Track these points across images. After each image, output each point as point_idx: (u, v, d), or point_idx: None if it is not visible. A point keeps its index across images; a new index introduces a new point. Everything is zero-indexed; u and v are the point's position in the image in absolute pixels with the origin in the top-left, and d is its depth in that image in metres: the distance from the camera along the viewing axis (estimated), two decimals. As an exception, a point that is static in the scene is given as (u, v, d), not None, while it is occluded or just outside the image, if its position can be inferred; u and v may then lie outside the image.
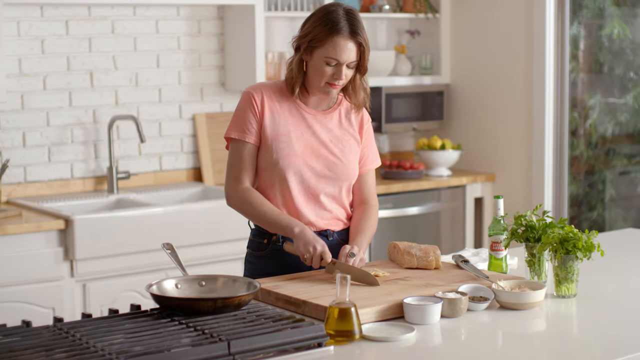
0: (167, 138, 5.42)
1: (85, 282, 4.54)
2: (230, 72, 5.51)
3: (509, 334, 2.74)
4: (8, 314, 4.27)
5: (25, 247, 4.41)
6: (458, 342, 2.69)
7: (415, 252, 3.24)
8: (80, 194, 5.11)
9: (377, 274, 3.13)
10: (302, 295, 2.88)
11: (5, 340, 2.43)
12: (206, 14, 5.48)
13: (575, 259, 2.98)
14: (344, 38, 3.13)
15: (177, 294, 2.78)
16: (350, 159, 3.31)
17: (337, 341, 2.56)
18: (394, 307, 2.79)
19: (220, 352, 2.36)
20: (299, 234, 3.14)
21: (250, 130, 3.24)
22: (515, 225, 3.17)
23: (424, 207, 5.69)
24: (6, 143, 4.94)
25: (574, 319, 2.92)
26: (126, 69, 5.26)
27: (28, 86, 4.99)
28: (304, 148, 3.25)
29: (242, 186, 3.26)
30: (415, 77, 6.03)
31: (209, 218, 4.80)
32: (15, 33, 4.92)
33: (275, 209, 3.22)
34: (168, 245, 3.02)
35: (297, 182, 3.24)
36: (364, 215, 3.35)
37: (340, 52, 3.13)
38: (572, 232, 3.00)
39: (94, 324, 2.58)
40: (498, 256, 3.28)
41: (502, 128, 5.84)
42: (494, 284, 2.94)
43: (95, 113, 5.18)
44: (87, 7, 5.10)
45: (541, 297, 2.90)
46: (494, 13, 5.82)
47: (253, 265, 3.35)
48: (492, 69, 5.87)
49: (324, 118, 3.31)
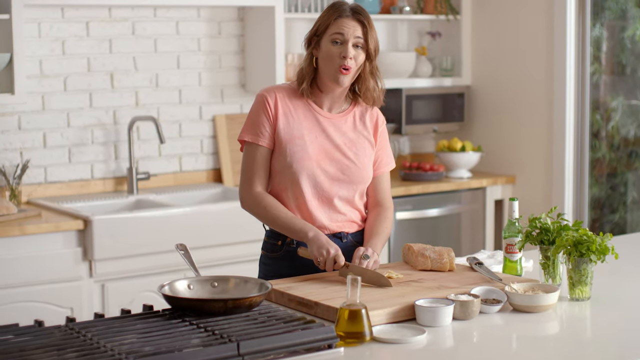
0: (187, 139, 5.44)
1: (103, 282, 4.57)
2: (251, 73, 5.52)
3: (522, 337, 2.73)
4: (27, 313, 4.30)
5: (44, 247, 4.43)
6: (470, 345, 2.68)
7: (430, 254, 3.24)
8: (100, 194, 5.14)
9: (390, 276, 3.12)
10: (315, 296, 2.88)
11: (17, 340, 2.44)
12: (227, 15, 5.50)
13: (589, 262, 2.97)
14: (346, 17, 3.22)
15: (189, 295, 2.79)
16: (365, 162, 3.31)
17: (348, 343, 2.56)
18: (406, 309, 2.79)
19: (229, 353, 2.36)
20: (312, 238, 3.15)
21: (264, 133, 3.25)
22: (530, 228, 3.16)
23: (443, 209, 5.68)
24: (27, 144, 4.97)
25: (587, 322, 2.91)
26: (146, 70, 5.28)
27: (49, 87, 5.02)
28: (317, 151, 3.25)
29: (256, 190, 3.27)
30: (435, 78, 6.02)
31: (228, 219, 4.81)
32: (36, 34, 4.95)
33: (288, 213, 3.23)
34: (181, 246, 3.03)
35: (310, 186, 3.24)
36: (379, 217, 3.35)
37: (343, 27, 3.20)
38: (586, 234, 2.98)
39: (105, 324, 2.59)
40: (512, 259, 3.26)
41: (522, 130, 5.82)
42: (507, 286, 2.93)
43: (115, 114, 5.20)
44: (107, 9, 5.13)
45: (554, 300, 2.89)
46: (515, 14, 5.80)
47: (267, 267, 3.36)
48: (513, 70, 5.85)
49: (338, 121, 3.31)
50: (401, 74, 5.88)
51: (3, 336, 2.48)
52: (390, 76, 5.84)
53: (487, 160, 6.01)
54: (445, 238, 5.66)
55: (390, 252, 5.41)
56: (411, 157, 6.22)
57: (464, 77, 6.07)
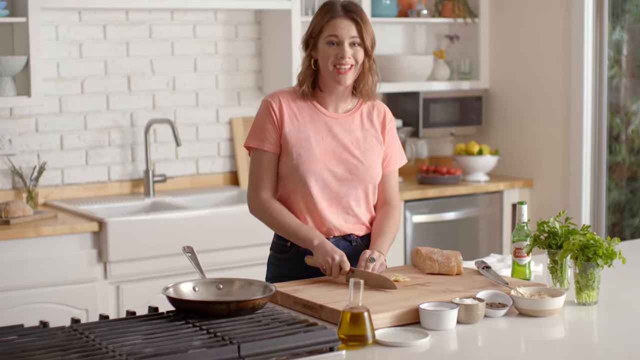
0: (204, 142, 5.46)
1: (118, 283, 4.59)
2: (268, 76, 5.53)
3: (527, 341, 2.72)
4: (42, 314, 4.32)
5: (60, 249, 4.46)
6: (473, 348, 2.67)
7: (437, 257, 3.24)
8: (116, 196, 5.16)
9: (397, 279, 3.12)
10: (320, 299, 2.88)
11: (21, 340, 2.47)
12: (244, 18, 5.51)
13: (596, 266, 2.96)
14: (339, 17, 3.21)
15: (193, 297, 2.80)
16: (373, 160, 3.31)
17: (350, 346, 2.56)
18: (410, 312, 2.79)
19: (230, 355, 2.37)
20: (317, 246, 3.16)
21: (269, 138, 3.26)
22: (538, 232, 3.16)
23: (460, 213, 5.66)
24: (44, 146, 5.00)
25: (594, 326, 2.90)
26: (163, 73, 5.30)
27: (66, 90, 5.05)
28: (324, 152, 3.25)
29: (263, 195, 3.28)
30: (453, 82, 6.01)
31: (244, 222, 4.81)
32: (53, 37, 4.98)
33: (294, 220, 3.24)
34: (188, 249, 3.05)
35: (319, 187, 3.25)
36: (386, 216, 3.35)
37: (337, 29, 3.19)
38: (593, 238, 2.97)
39: (109, 325, 2.60)
40: (521, 262, 3.26)
41: (540, 133, 5.80)
42: (512, 290, 2.93)
43: (132, 116, 5.23)
44: (124, 12, 5.16)
45: (560, 304, 2.88)
46: (532, 18, 5.78)
47: (275, 268, 3.37)
48: (531, 74, 5.83)
49: (345, 120, 3.31)
50: (419, 77, 5.87)
51: (7, 337, 2.50)
52: (408, 79, 5.84)
53: (504, 164, 5.99)
54: (462, 242, 5.65)
55: (405, 255, 5.40)
56: (429, 161, 6.21)
57: (482, 80, 6.06)
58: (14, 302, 4.35)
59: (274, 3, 5.30)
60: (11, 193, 4.91)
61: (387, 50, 6.01)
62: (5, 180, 4.92)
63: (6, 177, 4.92)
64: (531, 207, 5.80)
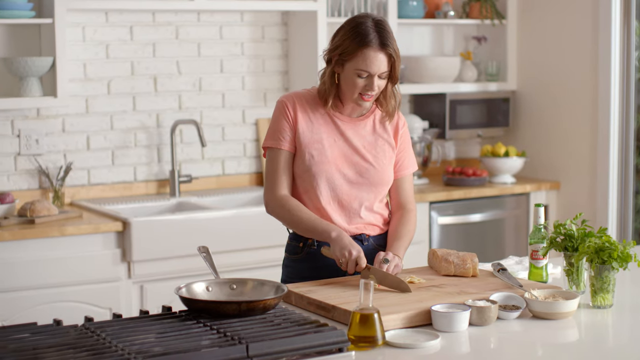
0: (230, 142, 5.48)
1: (142, 283, 4.62)
2: (294, 77, 5.55)
3: (539, 344, 2.71)
4: (66, 313, 4.35)
5: (84, 248, 4.50)
6: (484, 351, 2.67)
7: (453, 259, 3.23)
8: (142, 196, 5.20)
9: (412, 281, 3.12)
10: (333, 300, 2.89)
11: (32, 338, 2.49)
12: (270, 19, 5.53)
13: (611, 269, 2.94)
14: (373, 50, 3.14)
15: (206, 297, 2.82)
16: (384, 164, 3.31)
17: (359, 347, 2.56)
18: (422, 314, 2.79)
19: (238, 355, 2.38)
20: (335, 238, 3.16)
21: (285, 137, 3.28)
22: (554, 234, 3.14)
23: (486, 215, 5.65)
24: (70, 146, 5.05)
25: (608, 330, 2.88)
26: (190, 74, 5.33)
27: (92, 90, 5.09)
28: (336, 155, 3.26)
29: (280, 193, 3.29)
30: (480, 83, 5.99)
31: (268, 222, 4.76)
32: (80, 38, 5.03)
33: (312, 215, 3.24)
34: (203, 249, 3.07)
35: (329, 189, 3.26)
36: (402, 220, 3.35)
37: (370, 64, 3.14)
38: (609, 241, 2.96)
39: (121, 324, 2.63)
40: (538, 265, 3.25)
41: (567, 135, 5.77)
42: (526, 292, 2.92)
43: (158, 117, 5.26)
44: (151, 13, 5.19)
45: (573, 307, 2.86)
46: (560, 19, 5.75)
47: (289, 269, 3.39)
48: (558, 75, 5.80)
49: (357, 125, 3.32)
50: (445, 79, 5.86)
51: (20, 334, 2.53)
52: (435, 81, 5.83)
53: (531, 166, 5.97)
54: (487, 244, 5.64)
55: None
56: (456, 162, 6.20)
57: (510, 81, 6.03)
58: (38, 300, 4.40)
59: (300, 4, 5.31)
60: (38, 193, 4.96)
61: (414, 51, 6.00)
62: (32, 180, 4.97)
63: (33, 176, 4.97)
64: (558, 210, 5.78)
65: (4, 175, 4.91)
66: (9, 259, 4.35)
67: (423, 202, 5.38)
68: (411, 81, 5.86)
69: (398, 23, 5.66)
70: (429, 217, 5.41)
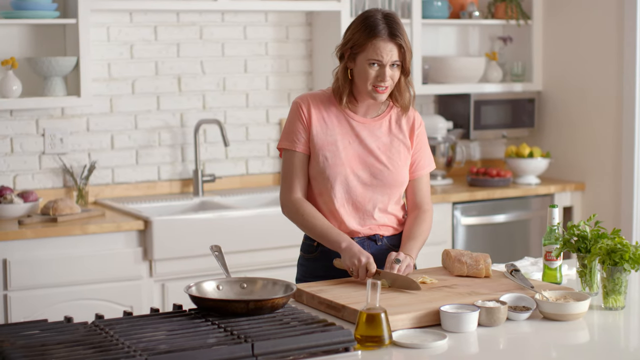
0: (253, 142, 5.50)
1: (164, 281, 4.65)
2: (318, 77, 5.56)
3: (549, 345, 2.70)
4: (87, 311, 4.39)
5: (106, 247, 4.54)
6: (492, 351, 2.66)
7: (466, 259, 3.23)
8: (166, 195, 5.23)
9: (424, 281, 3.13)
10: (343, 300, 2.90)
11: (41, 335, 2.52)
12: (294, 20, 5.54)
13: (623, 271, 2.93)
14: (383, 40, 3.17)
15: (216, 296, 2.83)
16: (399, 166, 3.32)
17: (366, 346, 2.57)
18: (431, 314, 2.79)
19: (243, 353, 2.39)
20: (345, 249, 3.18)
21: (299, 139, 3.29)
22: (568, 235, 3.13)
23: (510, 215, 5.63)
24: (95, 145, 5.09)
25: (620, 332, 2.87)
26: (214, 74, 5.36)
27: (117, 90, 5.13)
28: (350, 157, 3.27)
29: (295, 196, 3.31)
30: (505, 84, 5.97)
31: (288, 221, 4.80)
32: (105, 38, 5.07)
33: (325, 222, 3.26)
34: (216, 248, 3.09)
35: (343, 191, 3.27)
36: (417, 220, 3.35)
37: (381, 53, 3.17)
38: (621, 243, 2.94)
39: (130, 322, 2.66)
40: (552, 266, 3.24)
41: (593, 136, 5.74)
42: (537, 294, 2.91)
43: (182, 117, 5.30)
44: (175, 13, 5.22)
45: (584, 308, 2.85)
46: (586, 20, 5.72)
47: (303, 268, 3.41)
48: (584, 76, 5.77)
49: (372, 125, 3.32)
50: (470, 79, 5.85)
51: (30, 331, 2.56)
52: (459, 81, 5.82)
53: (556, 167, 5.94)
54: (512, 244, 5.62)
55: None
56: (481, 163, 6.18)
57: (535, 82, 6.01)
58: (59, 298, 4.44)
59: (324, 4, 5.32)
60: (62, 191, 5.01)
61: (439, 52, 6.00)
62: (57, 179, 5.02)
63: (57, 175, 5.01)
64: (582, 211, 5.75)
65: (29, 173, 4.96)
66: (31, 257, 4.39)
67: (446, 202, 5.37)
68: (436, 81, 5.86)
69: (422, 23, 5.65)
70: (452, 218, 5.40)
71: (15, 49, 4.84)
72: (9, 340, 2.45)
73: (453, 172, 5.91)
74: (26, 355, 2.33)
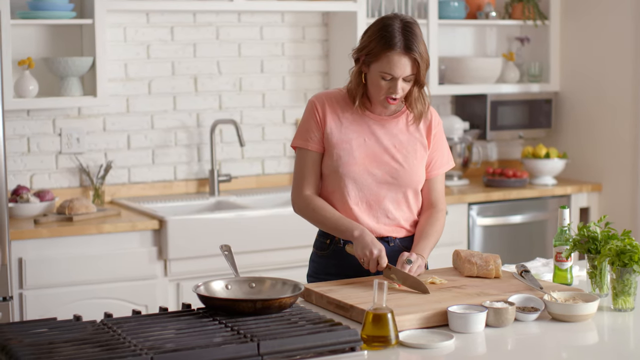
0: (270, 142, 5.51)
1: (178, 281, 4.67)
2: (334, 78, 5.56)
3: (557, 346, 2.70)
4: (102, 310, 4.37)
5: (121, 246, 4.56)
6: (500, 352, 2.66)
7: (476, 260, 3.23)
8: (182, 195, 5.25)
9: (433, 282, 3.12)
10: (352, 300, 2.90)
11: (50, 333, 2.54)
12: (311, 20, 5.55)
13: (633, 272, 2.92)
14: (397, 54, 3.13)
15: (224, 295, 2.85)
16: (414, 165, 3.30)
17: (372, 346, 2.57)
18: (439, 314, 2.79)
19: (249, 352, 2.40)
20: (357, 237, 3.18)
21: (313, 138, 3.30)
22: (578, 237, 3.13)
23: (527, 216, 5.61)
24: (111, 145, 5.12)
25: (629, 333, 2.86)
26: (230, 74, 5.38)
27: (133, 90, 5.16)
28: (365, 155, 3.27)
29: (306, 193, 3.32)
30: (522, 84, 5.95)
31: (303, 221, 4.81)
32: (121, 38, 5.09)
33: (336, 214, 3.26)
34: (226, 247, 3.10)
35: (356, 189, 3.27)
36: (430, 219, 3.34)
37: (394, 68, 3.14)
38: (631, 244, 2.93)
39: (139, 320, 2.67)
40: (562, 267, 3.23)
41: (610, 137, 5.72)
42: (546, 294, 2.90)
43: (198, 117, 5.32)
44: (192, 14, 5.24)
45: (592, 309, 2.85)
46: (603, 20, 5.70)
47: (315, 264, 3.42)
48: (601, 77, 5.74)
49: (389, 123, 3.31)
50: (487, 80, 5.84)
51: (38, 329, 2.58)
52: (476, 82, 5.81)
53: (573, 168, 5.92)
54: (528, 245, 5.60)
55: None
56: (498, 163, 6.17)
57: (552, 83, 5.99)
58: (74, 297, 4.47)
59: (340, 5, 5.32)
60: (78, 191, 5.04)
61: (456, 52, 5.99)
62: (73, 178, 5.05)
63: (74, 175, 5.04)
64: (599, 212, 5.73)
65: (46, 173, 4.99)
66: (47, 255, 4.43)
67: (462, 203, 5.37)
68: (452, 82, 5.85)
69: (439, 24, 5.65)
70: (468, 218, 5.39)
71: (32, 49, 4.88)
72: (17, 338, 2.47)
73: (469, 172, 5.90)
74: (33, 353, 2.35)
